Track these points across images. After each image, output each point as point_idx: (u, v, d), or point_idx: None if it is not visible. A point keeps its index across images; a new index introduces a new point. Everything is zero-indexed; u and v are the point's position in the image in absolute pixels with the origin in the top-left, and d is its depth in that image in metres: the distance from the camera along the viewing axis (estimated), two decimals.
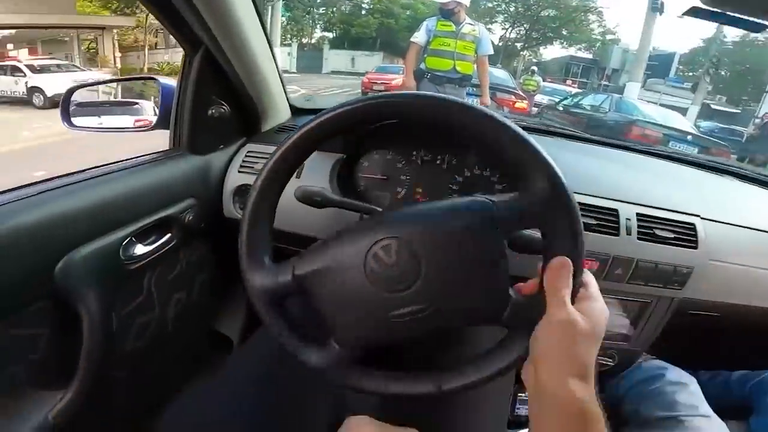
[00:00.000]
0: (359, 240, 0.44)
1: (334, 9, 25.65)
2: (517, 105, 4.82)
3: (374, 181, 0.86)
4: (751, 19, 0.45)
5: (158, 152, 0.83)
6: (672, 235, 0.76)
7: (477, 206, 0.43)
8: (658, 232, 0.76)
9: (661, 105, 9.12)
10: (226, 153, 0.91)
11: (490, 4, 24.96)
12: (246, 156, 0.89)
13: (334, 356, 0.46)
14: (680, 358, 0.87)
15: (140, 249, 0.70)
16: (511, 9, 25.03)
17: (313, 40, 25.30)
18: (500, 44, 25.78)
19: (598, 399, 0.39)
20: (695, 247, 0.76)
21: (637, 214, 0.76)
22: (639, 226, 0.75)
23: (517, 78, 11.38)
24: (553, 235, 0.42)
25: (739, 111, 16.10)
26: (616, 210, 0.74)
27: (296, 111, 1.12)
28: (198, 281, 0.88)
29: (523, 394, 0.91)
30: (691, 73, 18.79)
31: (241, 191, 0.87)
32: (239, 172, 0.88)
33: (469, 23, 3.10)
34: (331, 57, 22.20)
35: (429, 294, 0.43)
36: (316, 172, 0.80)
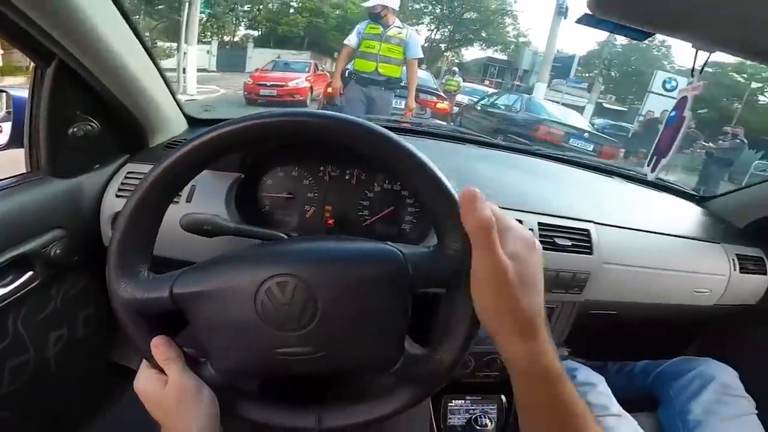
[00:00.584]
0: (253, 270, 0.41)
1: (261, 6, 24.62)
2: (439, 106, 5.18)
3: (279, 201, 0.80)
4: (635, 27, 0.47)
5: (11, 177, 0.70)
6: (570, 243, 0.79)
7: (388, 257, 0.41)
8: (557, 240, 0.78)
9: (563, 104, 10.25)
10: (102, 174, 0.79)
11: (417, 6, 25.42)
12: (126, 177, 0.79)
13: (208, 378, 0.44)
14: (588, 354, 0.94)
15: None
16: (437, 11, 25.82)
17: (236, 38, 24.13)
18: (426, 45, 26.51)
19: (557, 353, 0.37)
20: (590, 253, 0.81)
21: (539, 223, 0.79)
22: (540, 236, 0.77)
23: (440, 78, 11.86)
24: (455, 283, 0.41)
25: (626, 109, 18.29)
26: (520, 221, 0.75)
27: (193, 122, 1.01)
28: (81, 316, 0.80)
29: (452, 403, 0.92)
30: (587, 74, 20.92)
31: None
32: (117, 196, 0.77)
33: (397, 26, 3.18)
34: (256, 55, 21.30)
35: (321, 338, 0.41)
36: (210, 195, 0.72)
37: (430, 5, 25.87)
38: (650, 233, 0.92)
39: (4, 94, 0.79)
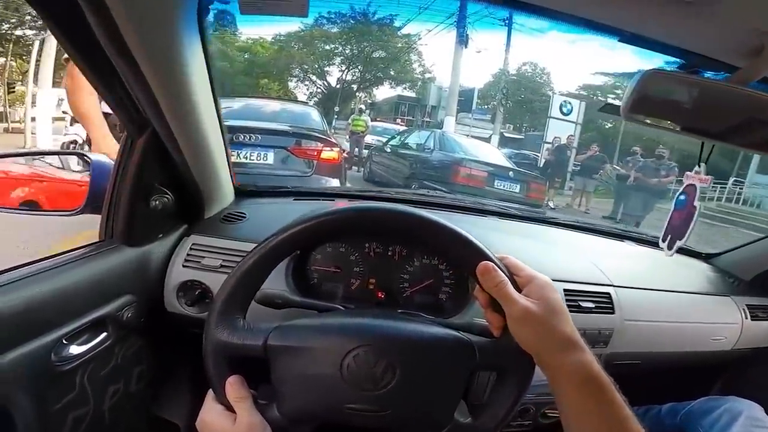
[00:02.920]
0: (345, 338, 0.46)
1: None
2: (325, 155, 3.44)
3: (327, 274, 0.82)
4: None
5: (89, 245, 0.70)
6: (593, 305, 0.84)
7: (460, 345, 0.48)
8: (582, 304, 0.83)
9: (472, 137, 9.24)
10: (165, 244, 0.80)
11: (327, 47, 24.38)
12: (191, 249, 0.80)
13: (272, 420, 0.47)
14: None
15: (74, 350, 0.61)
16: (347, 51, 25.00)
17: None
18: (338, 86, 25.68)
19: (600, 363, 0.42)
20: (612, 312, 0.86)
21: (564, 290, 0.82)
22: (566, 301, 0.78)
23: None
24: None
25: (523, 137, 18.51)
26: None
27: (240, 193, 1.02)
28: (135, 372, 0.78)
29: None
30: (486, 106, 21.18)
31: (187, 287, 0.78)
32: (184, 266, 0.79)
33: None
34: None
35: (389, 401, 0.46)
36: None
37: (341, 46, 25.08)
38: (665, 291, 0.97)
39: (84, 158, 0.80)
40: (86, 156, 0.79)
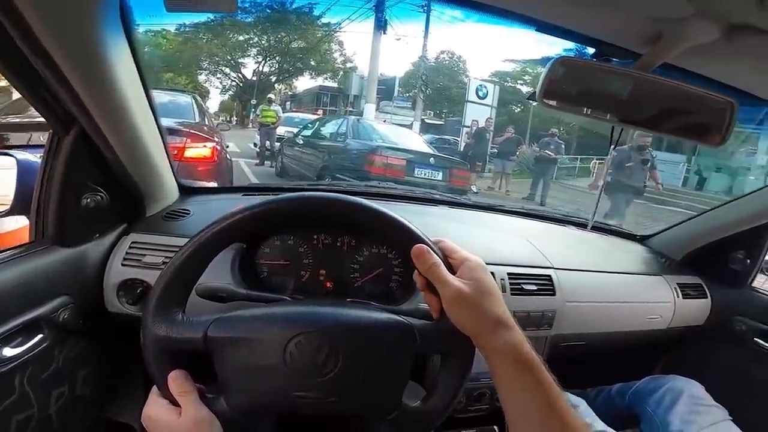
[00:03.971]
0: (287, 325, 0.45)
1: None
2: (191, 153, 2.44)
3: (277, 267, 0.79)
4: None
5: (18, 246, 0.67)
6: (535, 288, 0.86)
7: (401, 328, 0.47)
8: (524, 286, 0.85)
9: (394, 124, 8.69)
10: (103, 243, 0.77)
11: (241, 38, 22.11)
12: (130, 247, 0.77)
13: (220, 412, 0.45)
14: (565, 384, 0.72)
15: (8, 352, 0.59)
16: (263, 42, 22.89)
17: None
18: (254, 78, 23.69)
19: (530, 344, 0.43)
20: (554, 294, 0.88)
21: (508, 274, 0.84)
22: (510, 284, 0.84)
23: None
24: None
25: (443, 123, 18.58)
26: (492, 273, 0.64)
27: (185, 190, 0.97)
28: (80, 375, 0.74)
29: None
30: (408, 94, 20.94)
31: (128, 286, 0.75)
32: (123, 265, 0.76)
33: None
34: None
35: (335, 387, 0.45)
36: (216, 263, 0.57)
37: (256, 36, 22.91)
38: (602, 273, 1.01)
39: (12, 158, 0.76)
40: (10, 154, 0.75)
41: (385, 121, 9.28)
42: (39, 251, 0.67)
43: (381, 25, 10.60)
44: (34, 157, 0.72)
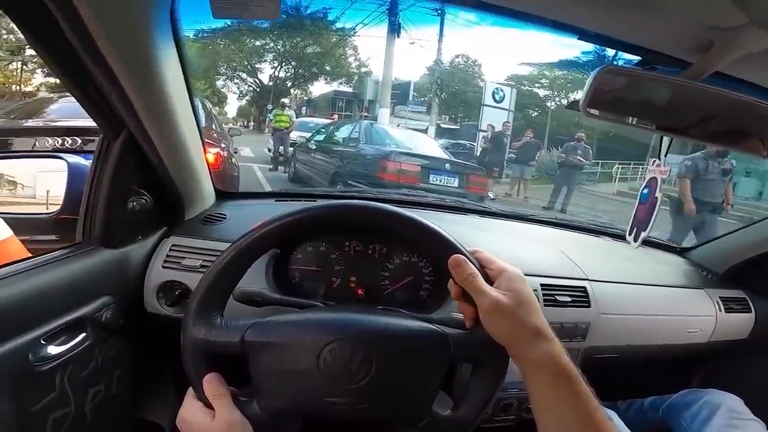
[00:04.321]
0: (322, 331, 0.46)
1: None
2: None
3: (308, 273, 0.81)
4: None
5: (66, 247, 0.69)
6: (569, 299, 0.85)
7: (435, 337, 0.47)
8: (558, 298, 0.84)
9: (409, 128, 8.58)
10: (145, 245, 0.79)
11: (258, 43, 22.55)
12: (170, 250, 0.80)
13: (253, 416, 0.46)
14: (598, 395, 0.71)
15: (52, 350, 0.60)
16: (279, 47, 23.28)
17: (31, 87, 17.64)
18: (271, 84, 24.07)
19: (576, 356, 0.46)
20: (588, 306, 0.86)
21: (541, 284, 0.83)
22: (543, 295, 0.82)
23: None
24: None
25: (458, 127, 18.42)
26: None
27: (221, 195, 1.00)
28: (116, 374, 0.76)
29: None
30: (423, 98, 20.89)
31: (167, 288, 0.77)
32: (164, 267, 0.78)
33: None
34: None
35: (367, 394, 0.45)
36: (251, 268, 0.58)
37: (272, 42, 23.30)
38: (640, 285, 0.97)
39: (63, 161, 0.80)
40: (63, 158, 0.78)
41: (399, 125, 9.23)
42: (86, 252, 0.70)
43: (394, 29, 10.64)
44: (84, 161, 0.76)
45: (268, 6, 0.63)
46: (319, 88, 26.58)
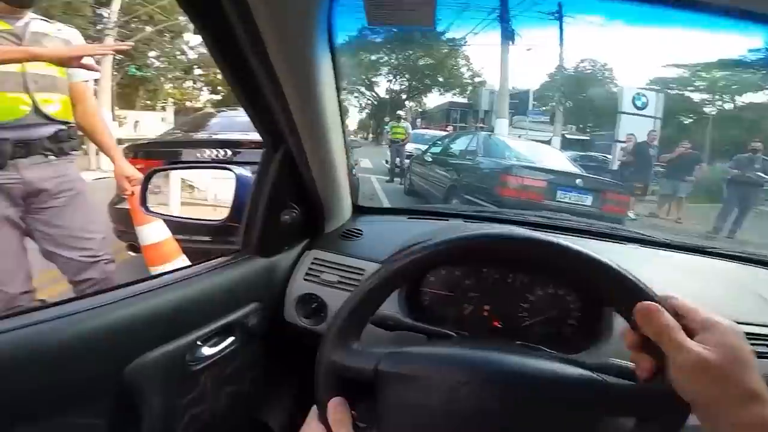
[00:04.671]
0: (457, 368, 0.43)
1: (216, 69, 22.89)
2: None
3: (440, 297, 0.77)
4: None
5: (229, 255, 0.75)
6: None
7: (594, 388, 0.41)
8: (758, 349, 0.69)
9: (530, 140, 7.95)
10: (290, 256, 0.83)
11: (373, 57, 24.18)
12: (312, 264, 0.81)
13: None
14: None
15: (205, 351, 0.64)
16: (392, 60, 24.60)
17: (200, 103, 21.74)
18: (387, 97, 25.40)
19: None
20: None
21: (746, 333, 0.58)
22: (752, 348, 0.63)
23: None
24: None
25: (588, 138, 16.43)
26: None
27: (356, 209, 1.02)
28: (249, 377, 0.78)
29: None
30: (544, 107, 19.32)
31: (305, 300, 0.79)
32: (305, 279, 0.80)
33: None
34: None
35: None
36: None
37: (386, 55, 24.68)
38: None
39: (229, 172, 0.82)
40: (231, 169, 0.81)
41: (519, 136, 8.65)
42: (244, 260, 0.74)
43: (508, 36, 10.19)
44: (248, 173, 0.81)
45: (423, 12, 0.62)
46: (434, 99, 27.03)
